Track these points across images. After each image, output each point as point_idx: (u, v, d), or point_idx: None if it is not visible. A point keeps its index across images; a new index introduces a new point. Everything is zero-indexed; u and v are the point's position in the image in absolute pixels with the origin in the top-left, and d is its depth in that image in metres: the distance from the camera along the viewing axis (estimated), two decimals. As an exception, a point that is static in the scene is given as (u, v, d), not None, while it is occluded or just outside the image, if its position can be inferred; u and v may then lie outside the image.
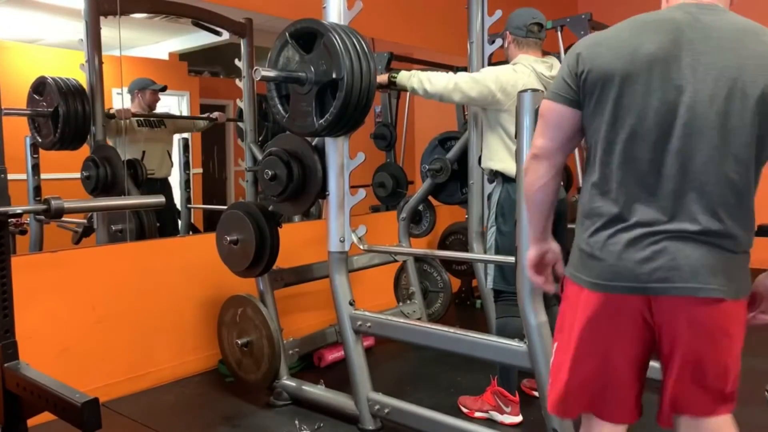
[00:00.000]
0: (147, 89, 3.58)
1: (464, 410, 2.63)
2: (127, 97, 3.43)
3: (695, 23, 1.31)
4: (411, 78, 2.55)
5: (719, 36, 1.30)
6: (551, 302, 2.65)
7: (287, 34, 2.29)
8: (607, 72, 1.32)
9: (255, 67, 2.20)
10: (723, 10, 1.36)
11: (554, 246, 1.60)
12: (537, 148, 1.45)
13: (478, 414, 2.59)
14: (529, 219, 1.56)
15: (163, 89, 3.65)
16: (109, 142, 3.21)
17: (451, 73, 2.52)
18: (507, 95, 2.46)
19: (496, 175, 2.60)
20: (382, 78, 2.63)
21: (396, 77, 2.59)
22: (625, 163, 1.32)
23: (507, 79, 2.48)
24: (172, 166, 3.75)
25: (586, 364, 1.40)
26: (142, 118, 3.61)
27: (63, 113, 2.90)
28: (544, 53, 2.69)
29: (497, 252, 2.51)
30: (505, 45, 2.64)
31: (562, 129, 1.42)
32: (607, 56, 1.33)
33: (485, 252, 3.29)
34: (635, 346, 1.37)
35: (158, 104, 3.67)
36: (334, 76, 2.17)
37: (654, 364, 1.44)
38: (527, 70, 2.50)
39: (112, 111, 3.27)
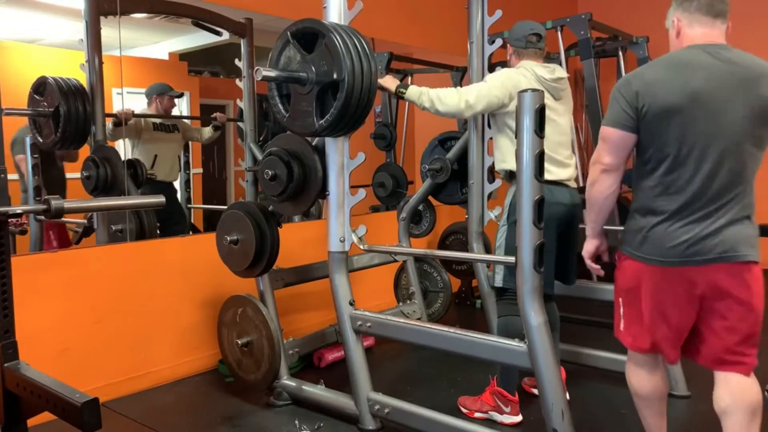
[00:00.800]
0: (165, 95, 3.67)
1: (464, 410, 2.63)
2: (128, 97, 3.43)
3: (719, 62, 1.74)
4: (421, 96, 2.60)
5: (738, 69, 1.74)
6: (551, 299, 2.66)
7: (289, 33, 2.29)
8: (665, 106, 1.73)
9: (256, 67, 2.20)
10: (730, 48, 1.79)
11: (605, 239, 2.04)
12: (606, 165, 1.84)
13: (477, 414, 2.59)
14: (594, 219, 1.95)
15: (180, 96, 3.74)
16: (113, 144, 3.22)
17: (459, 90, 2.57)
18: (512, 98, 2.53)
19: (511, 176, 2.62)
20: (387, 84, 2.66)
21: (404, 93, 2.64)
22: (686, 173, 1.74)
23: (511, 82, 2.54)
24: (180, 171, 3.81)
25: (653, 318, 1.83)
26: (158, 122, 3.65)
27: (64, 113, 2.90)
28: (547, 54, 2.72)
29: (507, 251, 2.50)
30: (508, 57, 2.74)
31: (626, 149, 1.82)
32: (663, 94, 1.73)
33: (485, 252, 3.30)
34: (684, 304, 1.78)
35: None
36: (335, 77, 2.17)
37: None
38: (528, 73, 2.57)
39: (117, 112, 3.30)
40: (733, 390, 1.79)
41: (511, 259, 2.06)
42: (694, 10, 1.81)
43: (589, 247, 2.02)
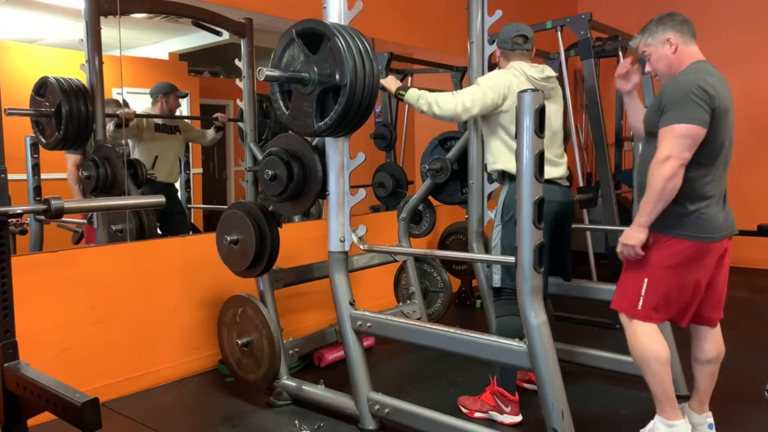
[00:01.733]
0: (171, 94, 3.67)
1: (464, 410, 2.63)
2: (128, 97, 3.43)
3: (719, 75, 2.13)
4: (419, 100, 2.64)
5: (724, 83, 2.14)
6: (545, 297, 2.67)
7: (294, 32, 2.28)
8: (724, 107, 2.07)
9: (259, 68, 2.20)
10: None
11: None
12: (685, 159, 2.03)
13: (477, 414, 2.59)
14: (658, 211, 2.08)
15: (185, 96, 3.75)
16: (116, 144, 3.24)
17: (455, 94, 2.60)
18: (505, 98, 2.57)
19: (503, 176, 2.63)
20: (389, 85, 2.72)
21: (404, 95, 2.69)
22: (721, 164, 2.13)
23: (503, 82, 2.58)
24: (180, 173, 3.81)
25: (687, 288, 2.14)
26: (160, 123, 3.65)
27: (66, 112, 2.90)
28: (544, 53, 2.72)
29: (503, 251, 2.51)
30: (497, 60, 2.78)
31: (699, 144, 2.05)
32: (723, 97, 2.07)
33: (485, 252, 3.30)
34: (710, 270, 2.17)
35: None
36: (337, 81, 2.17)
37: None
38: (519, 73, 2.61)
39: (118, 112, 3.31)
40: (717, 343, 2.29)
41: (511, 259, 2.06)
42: (686, 31, 2.17)
43: (641, 236, 2.13)
